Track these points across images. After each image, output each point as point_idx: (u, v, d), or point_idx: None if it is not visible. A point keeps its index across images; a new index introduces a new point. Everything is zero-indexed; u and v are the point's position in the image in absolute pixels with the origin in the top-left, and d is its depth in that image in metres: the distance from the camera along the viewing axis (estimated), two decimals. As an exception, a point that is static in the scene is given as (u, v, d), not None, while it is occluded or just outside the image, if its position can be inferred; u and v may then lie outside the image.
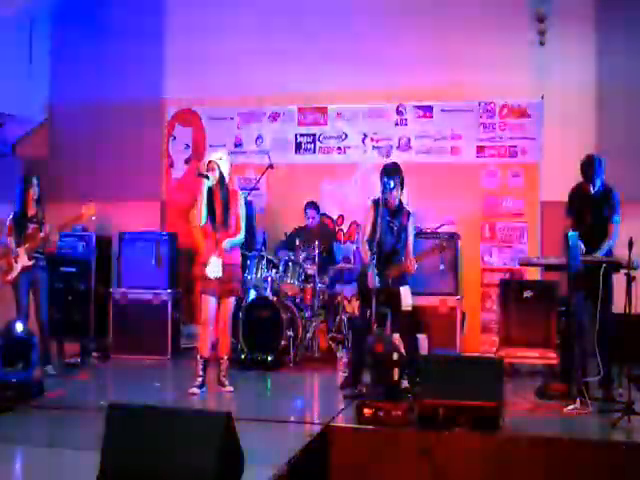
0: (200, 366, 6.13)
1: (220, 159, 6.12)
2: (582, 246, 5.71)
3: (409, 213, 6.32)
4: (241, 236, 6.20)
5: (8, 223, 6.86)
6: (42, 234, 6.75)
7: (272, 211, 8.65)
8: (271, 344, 7.22)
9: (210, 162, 6.11)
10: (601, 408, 5.49)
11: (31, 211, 6.84)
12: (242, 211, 6.19)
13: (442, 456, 4.63)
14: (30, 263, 6.74)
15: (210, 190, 6.08)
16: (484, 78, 8.06)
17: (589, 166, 5.96)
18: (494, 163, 8.15)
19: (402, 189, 6.27)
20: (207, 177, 6.04)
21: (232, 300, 6.26)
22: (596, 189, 5.97)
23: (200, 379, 6.11)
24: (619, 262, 5.57)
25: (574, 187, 6.17)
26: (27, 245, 6.73)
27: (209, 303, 6.11)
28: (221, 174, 6.07)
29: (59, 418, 5.42)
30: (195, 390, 6.05)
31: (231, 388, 6.17)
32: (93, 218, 6.79)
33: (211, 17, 8.71)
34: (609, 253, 5.88)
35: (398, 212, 6.27)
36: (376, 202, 6.28)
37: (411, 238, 6.31)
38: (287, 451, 4.33)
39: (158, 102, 9.00)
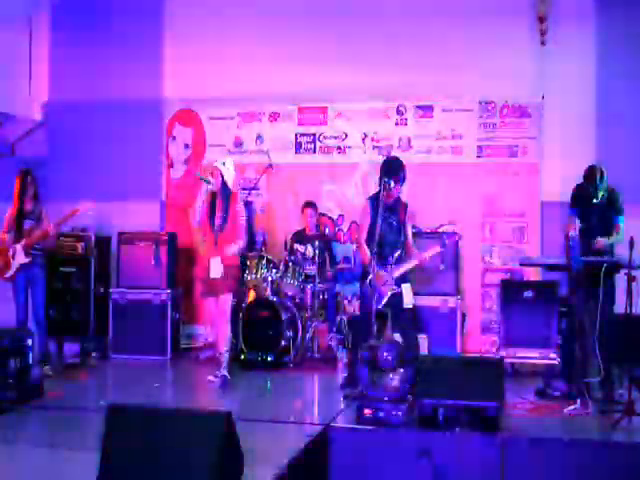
0: (223, 361, 6.31)
1: (224, 165, 6.26)
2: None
3: (406, 206, 6.30)
4: (242, 244, 6.39)
5: (5, 220, 6.85)
6: (39, 230, 6.75)
7: (272, 211, 8.64)
8: (271, 344, 7.22)
9: (214, 168, 6.25)
10: (602, 408, 5.48)
11: (28, 207, 6.84)
12: (243, 220, 6.32)
13: (442, 456, 4.63)
14: (28, 260, 6.73)
15: (212, 195, 6.23)
16: (484, 78, 8.05)
17: (591, 178, 5.94)
18: (494, 163, 8.14)
19: (403, 184, 6.25)
20: (207, 182, 6.16)
21: (229, 296, 6.36)
22: (600, 199, 5.96)
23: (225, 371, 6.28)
24: (619, 262, 5.56)
25: (578, 186, 6.14)
26: (24, 242, 6.72)
27: (210, 304, 6.33)
28: (224, 181, 6.18)
29: (59, 418, 5.41)
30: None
31: (225, 373, 6.26)
32: (90, 212, 6.79)
33: (211, 17, 8.70)
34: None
35: (395, 207, 6.23)
36: (372, 200, 6.26)
37: (410, 232, 6.30)
38: (287, 451, 4.33)
39: (158, 102, 8.99)
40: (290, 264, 7.58)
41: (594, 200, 5.97)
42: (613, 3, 7.91)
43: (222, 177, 6.20)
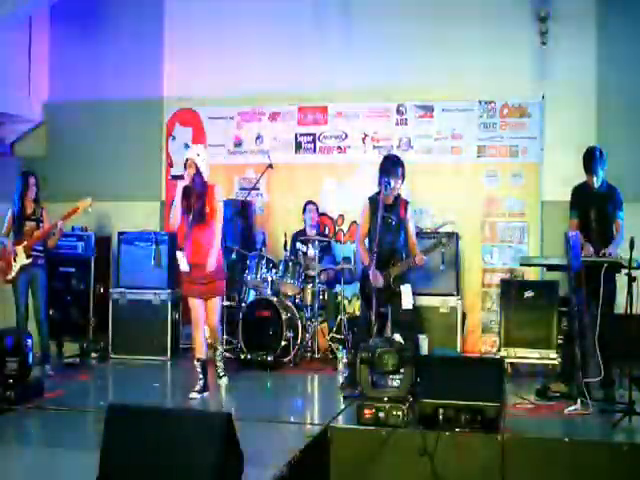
0: (199, 369, 6.08)
1: (198, 155, 5.99)
2: (590, 248, 5.73)
3: (406, 203, 6.26)
4: (218, 228, 6.08)
5: (6, 222, 6.86)
6: (40, 231, 6.75)
7: (272, 211, 8.64)
8: (271, 344, 7.22)
9: (187, 160, 5.99)
10: (602, 409, 5.47)
11: (29, 209, 6.85)
12: (219, 205, 6.07)
13: (442, 456, 4.63)
14: (29, 261, 6.73)
15: (187, 188, 6.00)
16: (485, 78, 8.06)
17: (591, 157, 5.95)
18: (495, 163, 8.13)
19: (403, 182, 6.23)
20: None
21: (217, 300, 6.18)
22: (600, 182, 5.95)
23: (201, 382, 6.04)
24: (620, 262, 5.56)
25: (577, 186, 6.15)
26: (25, 243, 6.72)
27: (196, 304, 6.08)
28: (198, 170, 5.95)
29: (59, 418, 5.40)
30: (195, 395, 5.97)
31: (225, 381, 6.17)
32: (90, 210, 6.78)
33: (211, 17, 8.70)
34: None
35: (395, 205, 6.21)
36: (372, 199, 6.25)
37: (412, 229, 6.27)
38: (287, 451, 4.33)
39: (158, 102, 8.99)
40: (290, 264, 7.58)
41: (595, 184, 5.93)
42: (614, 3, 7.92)
43: (197, 169, 5.93)
